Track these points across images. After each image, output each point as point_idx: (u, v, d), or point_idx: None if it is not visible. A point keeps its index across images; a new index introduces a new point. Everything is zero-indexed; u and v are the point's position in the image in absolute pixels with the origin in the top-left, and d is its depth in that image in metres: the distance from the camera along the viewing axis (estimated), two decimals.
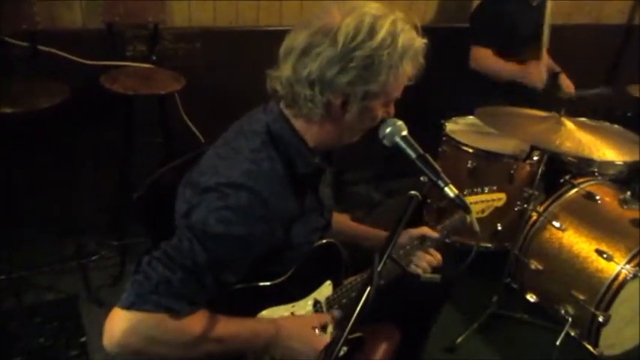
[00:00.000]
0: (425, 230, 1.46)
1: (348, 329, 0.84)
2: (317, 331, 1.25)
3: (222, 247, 1.03)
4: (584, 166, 2.36)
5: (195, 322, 1.04)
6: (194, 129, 2.56)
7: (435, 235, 1.46)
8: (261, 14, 2.65)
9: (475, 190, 1.46)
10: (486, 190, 1.46)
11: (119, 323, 0.97)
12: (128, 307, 0.97)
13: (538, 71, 2.60)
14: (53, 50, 2.20)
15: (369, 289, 0.85)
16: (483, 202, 1.48)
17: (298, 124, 1.15)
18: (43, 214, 2.40)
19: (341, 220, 1.57)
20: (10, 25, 2.09)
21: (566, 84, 2.86)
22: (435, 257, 1.43)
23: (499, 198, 1.50)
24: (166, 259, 1.00)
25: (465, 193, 1.43)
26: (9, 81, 2.07)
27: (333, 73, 1.05)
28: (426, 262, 1.40)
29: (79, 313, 2.20)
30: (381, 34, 1.04)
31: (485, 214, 1.51)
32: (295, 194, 1.15)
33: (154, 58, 2.39)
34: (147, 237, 1.32)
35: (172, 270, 0.99)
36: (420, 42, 1.10)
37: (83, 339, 2.07)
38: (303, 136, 1.16)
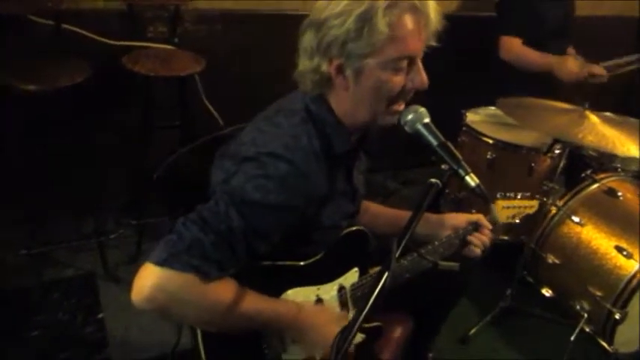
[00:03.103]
0: (480, 217, 1.47)
1: (363, 315, 0.84)
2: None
3: (257, 214, 1.05)
4: (607, 162, 2.32)
5: (222, 290, 1.06)
6: (214, 111, 2.57)
7: (488, 224, 1.47)
8: None
9: (508, 194, 1.46)
10: (519, 195, 1.46)
11: (149, 278, 0.99)
12: (160, 263, 0.99)
13: (574, 64, 2.52)
14: (76, 29, 2.21)
15: (385, 275, 0.85)
16: (515, 207, 1.48)
17: (332, 102, 1.18)
18: (63, 192, 2.43)
19: (377, 209, 1.59)
20: (35, 4, 2.11)
21: (598, 70, 2.78)
22: (486, 235, 1.46)
23: (531, 205, 1.50)
24: (201, 221, 1.02)
25: (498, 196, 1.44)
26: (33, 59, 2.09)
27: (319, 39, 1.09)
28: (481, 241, 1.44)
29: (96, 290, 2.23)
30: None
31: (516, 219, 1.52)
32: (328, 174, 1.16)
33: (176, 39, 2.39)
34: (165, 216, 1.33)
35: (206, 232, 1.01)
36: None
37: (100, 315, 2.11)
38: (339, 115, 1.18)
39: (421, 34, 1.10)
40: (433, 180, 1.00)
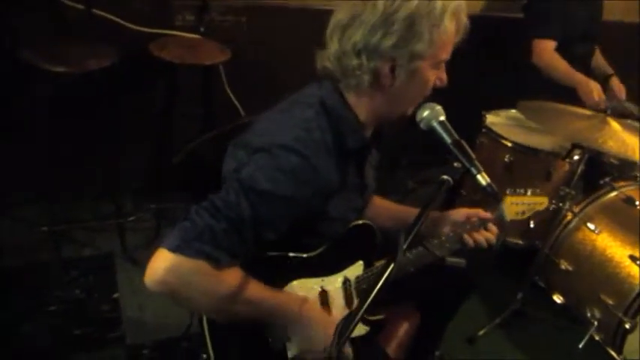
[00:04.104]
0: (480, 212, 1.48)
1: (365, 305, 0.85)
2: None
3: (267, 205, 1.08)
4: (627, 170, 2.30)
5: (232, 277, 1.09)
6: (235, 101, 2.60)
7: (489, 216, 1.47)
8: None
9: (518, 190, 1.45)
10: (529, 192, 1.46)
11: (163, 262, 1.02)
12: (173, 249, 1.02)
13: (599, 95, 2.42)
14: (106, 14, 2.26)
15: (391, 266, 0.87)
16: (525, 204, 1.47)
17: (350, 98, 1.19)
18: (85, 173, 2.49)
19: (382, 204, 1.59)
20: None
21: (618, 87, 2.75)
22: (492, 232, 1.46)
23: (541, 202, 1.49)
24: (213, 209, 1.05)
25: (508, 192, 1.43)
26: (62, 41, 2.14)
27: (378, 38, 1.09)
28: (483, 237, 1.43)
29: (113, 270, 2.28)
30: None
31: (525, 216, 1.51)
32: (339, 168, 1.17)
33: (202, 29, 2.43)
34: (183, 202, 1.36)
35: (218, 220, 1.04)
36: None
37: (116, 295, 2.16)
38: (355, 110, 1.20)
39: (456, 36, 1.15)
40: (445, 177, 1.01)
